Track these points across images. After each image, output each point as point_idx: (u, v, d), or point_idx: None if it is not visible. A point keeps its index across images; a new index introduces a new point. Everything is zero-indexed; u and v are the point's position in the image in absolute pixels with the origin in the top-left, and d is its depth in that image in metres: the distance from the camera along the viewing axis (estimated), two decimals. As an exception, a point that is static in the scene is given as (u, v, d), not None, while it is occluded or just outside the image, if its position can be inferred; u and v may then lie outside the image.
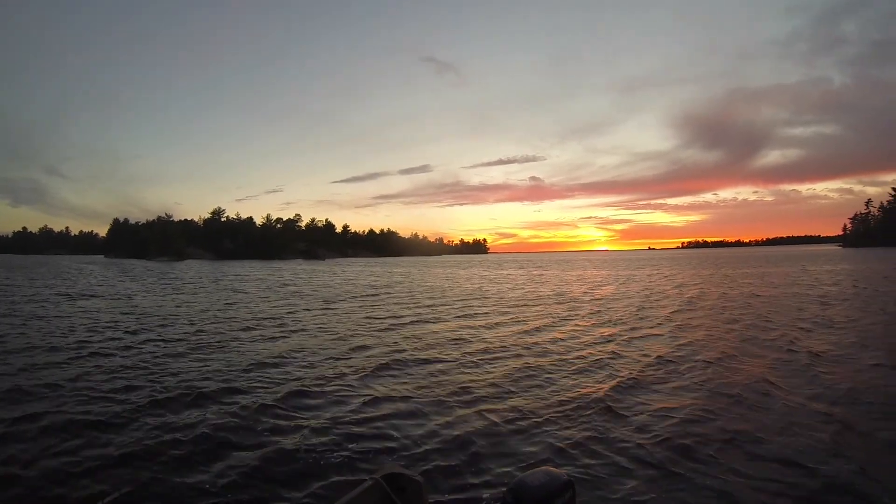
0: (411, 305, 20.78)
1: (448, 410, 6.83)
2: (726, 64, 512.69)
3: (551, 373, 8.88)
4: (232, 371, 9.03)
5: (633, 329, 13.70)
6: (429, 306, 20.43)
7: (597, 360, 9.85)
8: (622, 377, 8.37)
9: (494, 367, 9.37)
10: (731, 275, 39.22)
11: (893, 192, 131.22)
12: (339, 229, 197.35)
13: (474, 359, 10.13)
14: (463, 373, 8.96)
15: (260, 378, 8.56)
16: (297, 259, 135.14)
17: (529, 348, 11.19)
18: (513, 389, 7.84)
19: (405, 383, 8.24)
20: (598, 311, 17.99)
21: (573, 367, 9.29)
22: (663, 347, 10.99)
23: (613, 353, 10.48)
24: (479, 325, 14.83)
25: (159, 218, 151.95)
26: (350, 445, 5.56)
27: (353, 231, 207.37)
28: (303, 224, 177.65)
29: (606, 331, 13.45)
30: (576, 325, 14.83)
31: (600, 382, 8.13)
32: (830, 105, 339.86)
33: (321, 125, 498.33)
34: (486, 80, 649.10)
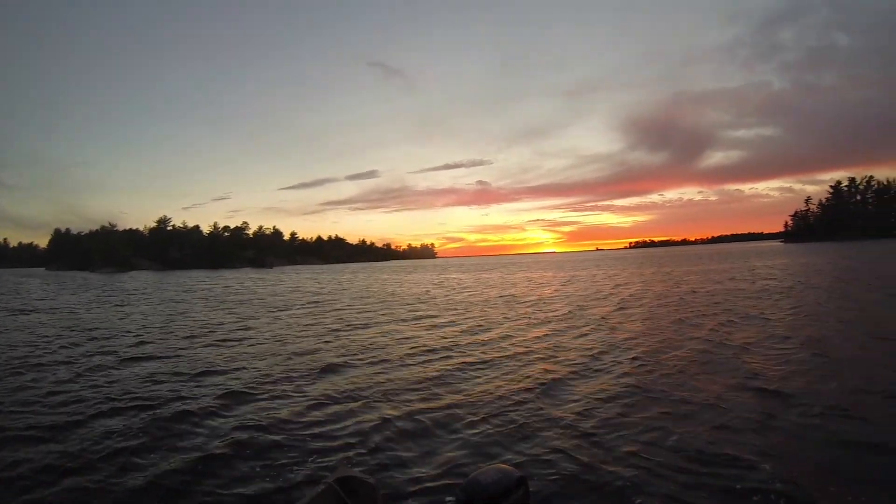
0: (356, 311, 21.07)
1: (394, 411, 6.97)
2: (671, 68, 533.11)
3: (492, 370, 9.32)
4: (175, 380, 9.11)
5: (568, 327, 14.23)
6: (373, 311, 20.79)
7: (533, 357, 10.36)
8: (555, 374, 8.75)
9: (438, 367, 9.72)
10: (673, 273, 40.53)
11: (831, 190, 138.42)
12: (287, 237, 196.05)
13: (419, 359, 10.48)
14: (408, 374, 9.22)
15: (204, 385, 8.67)
16: (245, 268, 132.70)
17: (471, 348, 11.62)
18: (457, 388, 8.15)
19: (350, 386, 8.40)
20: (538, 312, 18.58)
21: (511, 364, 9.76)
22: (594, 344, 11.51)
23: (547, 350, 11.03)
24: (423, 328, 15.27)
25: (103, 227, 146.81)
26: (298, 450, 5.64)
27: (301, 238, 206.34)
28: (251, 232, 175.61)
29: (542, 330, 13.99)
30: (514, 325, 15.34)
31: (537, 378, 8.49)
32: (770, 108, 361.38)
33: (268, 131, 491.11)
34: (434, 84, 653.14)
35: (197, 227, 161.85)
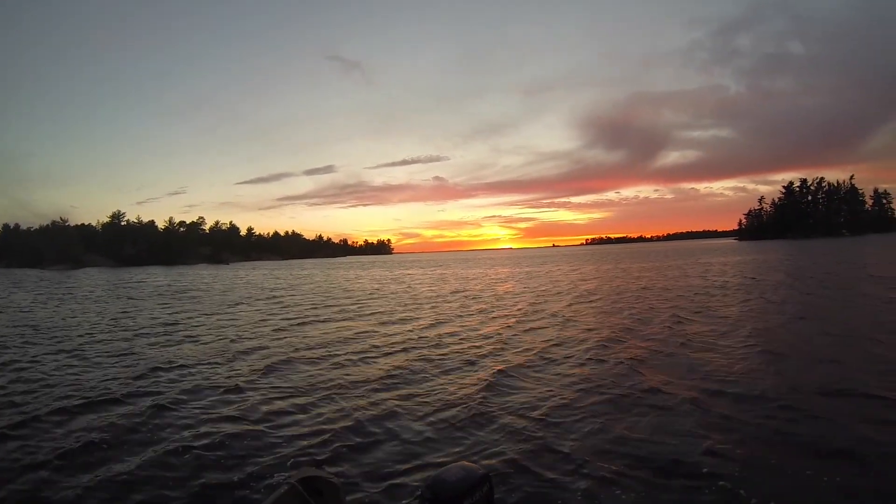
0: (310, 307, 21.38)
1: (349, 408, 7.08)
2: (630, 69, 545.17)
3: (444, 366, 9.59)
4: (128, 377, 9.12)
5: (520, 322, 14.81)
6: (327, 307, 21.16)
7: (484, 352, 10.72)
8: (505, 369, 9.06)
9: (391, 363, 9.94)
10: (628, 269, 41.79)
11: (784, 191, 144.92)
12: (243, 232, 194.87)
13: (371, 355, 10.72)
14: (360, 370, 9.42)
15: (153, 383, 8.71)
16: (201, 264, 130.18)
17: (423, 343, 11.94)
18: (413, 384, 8.35)
19: (303, 384, 8.50)
20: (490, 307, 19.21)
21: (462, 360, 10.08)
22: (547, 339, 11.92)
23: (497, 345, 11.40)
24: (376, 323, 15.66)
25: (54, 223, 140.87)
26: (255, 449, 5.66)
27: (257, 234, 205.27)
28: (207, 227, 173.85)
29: (494, 326, 14.44)
30: (466, 320, 15.86)
31: (488, 373, 8.80)
32: (726, 111, 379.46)
33: (224, 123, 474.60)
34: (393, 79, 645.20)
35: (152, 222, 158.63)
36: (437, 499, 2.20)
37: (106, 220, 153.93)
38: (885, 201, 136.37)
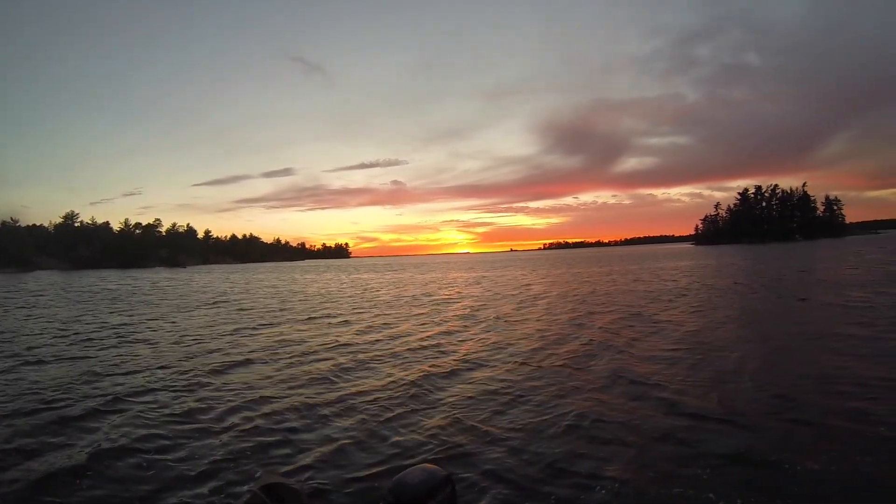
0: (264, 310, 21.46)
1: (309, 412, 7.07)
2: (590, 76, 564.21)
3: (400, 367, 9.77)
4: (78, 382, 8.97)
5: (465, 327, 14.94)
6: (282, 310, 21.27)
7: (426, 353, 11.06)
8: (445, 370, 9.34)
9: (349, 365, 10.02)
10: (581, 273, 42.39)
11: (739, 197, 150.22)
12: (201, 235, 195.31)
13: (328, 358, 10.76)
14: (319, 373, 9.37)
15: (107, 388, 8.52)
16: (157, 267, 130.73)
17: (378, 346, 12.18)
18: (369, 385, 8.43)
19: (261, 387, 8.46)
20: (439, 311, 19.38)
21: (407, 361, 10.32)
22: (486, 342, 12.19)
23: (440, 347, 11.78)
24: (330, 326, 15.91)
25: (4, 223, 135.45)
26: (215, 456, 5.54)
27: (215, 237, 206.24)
28: (163, 230, 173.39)
29: (440, 328, 14.79)
30: (416, 324, 16.02)
31: (445, 374, 9.04)
32: (684, 119, 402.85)
33: (182, 124, 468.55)
34: (353, 81, 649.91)
35: (106, 223, 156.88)
36: (399, 501, 2.19)
37: (58, 220, 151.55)
38: (835, 207, 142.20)
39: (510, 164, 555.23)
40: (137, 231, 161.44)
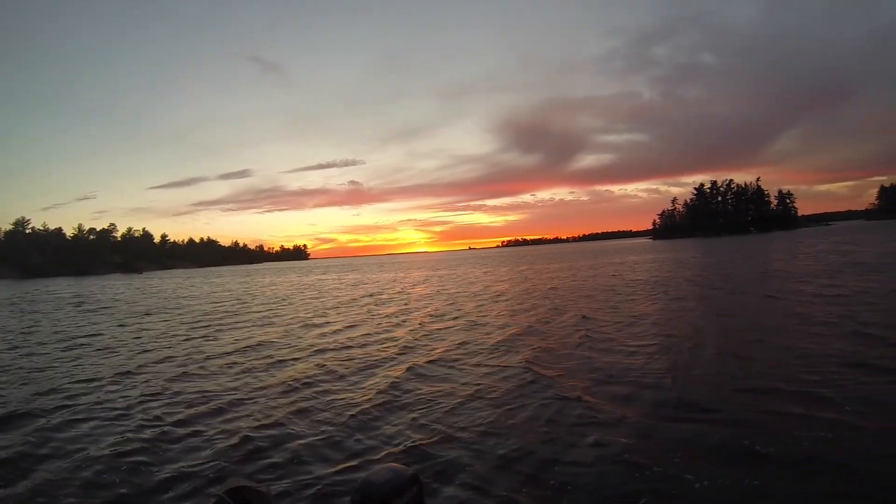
0: (223, 315, 21.59)
1: (273, 414, 7.14)
2: (548, 75, 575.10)
3: (361, 368, 9.94)
4: (32, 394, 8.98)
5: (421, 325, 15.35)
6: (240, 314, 21.48)
7: (396, 352, 11.31)
8: (418, 368, 9.62)
9: (310, 367, 10.19)
10: (539, 270, 43.12)
11: (695, 192, 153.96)
12: (157, 239, 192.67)
13: (288, 360, 11.01)
14: (280, 375, 9.55)
15: (63, 399, 8.50)
16: (114, 273, 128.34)
17: (336, 347, 12.42)
18: (330, 386, 8.62)
19: (223, 391, 8.54)
20: (398, 311, 19.65)
21: (376, 360, 10.62)
22: (452, 340, 12.46)
23: (409, 346, 12.03)
24: (288, 329, 16.15)
25: None
26: (179, 461, 5.63)
27: (172, 241, 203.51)
28: (119, 235, 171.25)
29: (401, 328, 15.02)
30: (374, 324, 16.33)
31: (404, 374, 9.17)
32: (640, 116, 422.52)
33: (137, 125, 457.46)
34: (312, 81, 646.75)
35: (59, 229, 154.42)
36: (366, 501, 2.12)
37: (8, 227, 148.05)
38: (788, 201, 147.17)
39: (468, 163, 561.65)
40: (91, 237, 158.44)
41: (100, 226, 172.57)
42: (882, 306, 12.73)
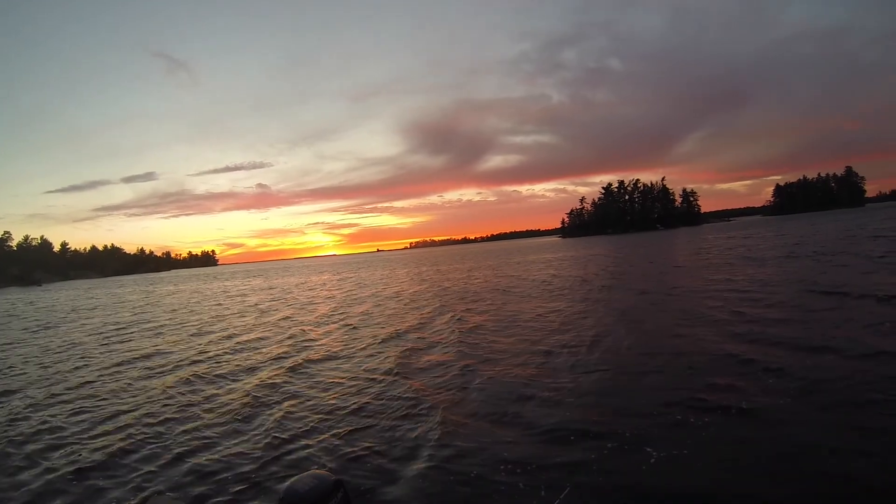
0: (120, 326, 20.95)
1: (181, 428, 7.03)
2: (457, 77, 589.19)
3: (255, 373, 10.06)
4: None
5: (314, 328, 15.83)
6: (139, 324, 21.04)
7: (287, 352, 11.94)
8: (312, 369, 10.02)
9: (204, 374, 10.27)
10: (442, 270, 43.96)
11: (603, 191, 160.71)
12: (57, 248, 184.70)
13: (184, 368, 11.06)
14: (184, 387, 9.43)
15: None
16: (10, 287, 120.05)
17: (230, 352, 12.62)
18: (233, 394, 8.61)
19: (128, 407, 8.32)
20: (293, 315, 19.99)
21: (271, 362, 10.96)
22: (339, 340, 13.14)
23: (300, 348, 12.47)
24: (186, 337, 16.17)
25: None
26: (93, 480, 5.50)
27: (73, 249, 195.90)
28: (14, 244, 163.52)
29: (294, 331, 15.54)
30: (266, 328, 16.68)
31: (301, 376, 9.56)
32: (548, 118, 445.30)
33: (32, 125, 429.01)
34: (220, 81, 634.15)
35: None
36: None
37: None
38: (691, 199, 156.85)
39: (375, 165, 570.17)
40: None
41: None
42: (757, 298, 13.33)
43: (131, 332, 18.25)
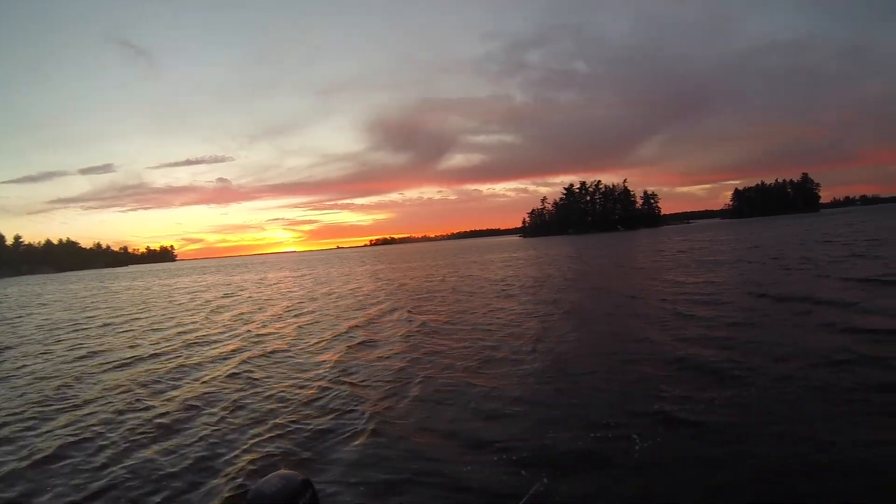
0: (69, 325, 20.32)
1: (138, 429, 6.86)
2: (422, 75, 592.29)
3: (206, 372, 9.91)
4: None
5: (249, 331, 15.10)
6: (75, 322, 20.92)
7: (237, 349, 12.00)
8: (272, 375, 9.47)
9: (155, 374, 10.00)
10: (400, 268, 44.26)
11: (565, 191, 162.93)
12: (10, 241, 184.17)
13: (134, 368, 10.79)
14: (135, 388, 9.11)
15: None
16: None
17: (194, 355, 11.96)
18: (187, 394, 8.40)
19: (84, 412, 7.95)
20: (235, 317, 19.43)
21: (221, 359, 10.97)
22: (285, 337, 13.26)
23: (249, 345, 12.51)
24: (134, 335, 15.74)
25: None
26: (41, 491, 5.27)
27: (27, 243, 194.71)
28: None
29: (243, 328, 15.55)
30: (207, 329, 16.21)
31: (254, 373, 9.51)
32: (512, 118, 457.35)
33: None
34: (182, 71, 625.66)
35: None
36: None
37: None
38: (652, 201, 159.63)
39: (337, 161, 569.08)
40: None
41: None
42: (706, 297, 13.73)
43: (77, 332, 17.72)
